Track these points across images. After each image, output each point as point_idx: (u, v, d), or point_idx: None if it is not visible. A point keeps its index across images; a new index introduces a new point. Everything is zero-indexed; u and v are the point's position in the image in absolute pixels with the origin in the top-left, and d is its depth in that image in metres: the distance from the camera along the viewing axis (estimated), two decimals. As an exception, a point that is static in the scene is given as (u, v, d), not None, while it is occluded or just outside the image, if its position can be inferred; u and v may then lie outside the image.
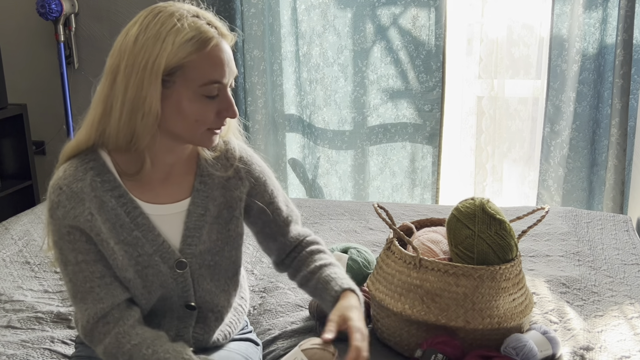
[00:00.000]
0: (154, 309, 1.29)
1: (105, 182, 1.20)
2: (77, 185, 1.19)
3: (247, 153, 1.35)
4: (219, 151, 1.31)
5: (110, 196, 1.20)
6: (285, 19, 2.94)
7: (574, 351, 1.43)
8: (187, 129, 1.17)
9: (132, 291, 1.24)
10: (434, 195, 3.01)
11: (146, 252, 1.22)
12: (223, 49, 1.15)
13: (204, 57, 1.13)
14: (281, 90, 3.04)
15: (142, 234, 1.22)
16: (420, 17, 2.82)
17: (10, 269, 1.96)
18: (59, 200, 1.19)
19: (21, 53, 3.29)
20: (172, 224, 1.25)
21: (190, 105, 1.15)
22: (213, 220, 1.28)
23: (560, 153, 2.78)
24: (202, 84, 1.14)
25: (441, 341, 1.35)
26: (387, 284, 1.46)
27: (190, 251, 1.26)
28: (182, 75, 1.13)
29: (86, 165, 1.20)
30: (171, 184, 1.26)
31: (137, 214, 1.22)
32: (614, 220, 2.30)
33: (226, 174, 1.29)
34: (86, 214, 1.18)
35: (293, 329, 1.58)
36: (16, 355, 1.48)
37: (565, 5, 2.62)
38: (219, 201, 1.28)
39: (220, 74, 1.15)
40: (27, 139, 3.13)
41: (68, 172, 1.20)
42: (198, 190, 1.27)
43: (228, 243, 1.30)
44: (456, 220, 1.43)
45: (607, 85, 2.66)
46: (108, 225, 1.20)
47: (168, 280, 1.25)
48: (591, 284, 1.80)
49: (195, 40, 1.12)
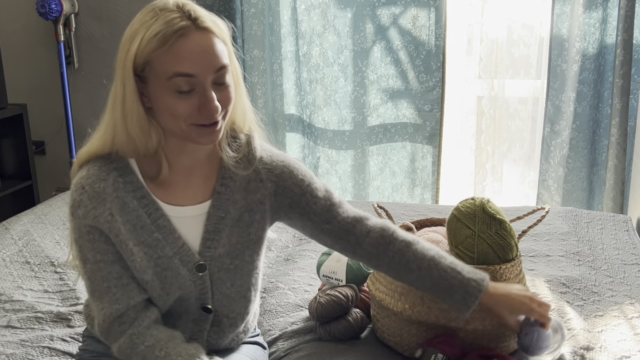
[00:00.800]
0: (170, 310, 1.28)
1: (127, 183, 1.20)
2: (100, 185, 1.18)
3: (267, 152, 1.31)
4: (242, 153, 1.28)
5: (132, 197, 1.20)
6: (285, 19, 2.94)
7: (574, 351, 1.43)
8: (171, 125, 1.16)
9: (150, 292, 1.24)
10: (434, 195, 3.01)
11: (166, 255, 1.21)
12: (194, 41, 1.11)
13: (168, 51, 1.10)
14: (281, 90, 3.04)
15: (162, 236, 1.21)
16: (420, 17, 2.82)
17: (10, 269, 1.96)
18: (80, 200, 1.19)
19: (21, 53, 3.29)
20: (193, 226, 1.24)
21: (162, 100, 1.13)
22: (233, 223, 1.26)
23: (560, 153, 2.78)
24: (168, 77, 1.11)
25: (441, 341, 1.35)
26: (387, 283, 1.46)
27: (209, 254, 1.24)
28: (150, 71, 1.12)
29: (110, 166, 1.20)
30: (193, 186, 1.25)
31: (158, 215, 1.21)
32: (614, 220, 2.30)
33: (246, 174, 1.27)
34: (106, 215, 1.18)
35: (293, 329, 1.58)
36: (15, 355, 1.48)
37: (565, 5, 2.62)
38: (240, 204, 1.26)
39: (187, 67, 1.10)
40: (27, 139, 3.13)
41: (92, 172, 1.20)
42: (219, 193, 1.25)
43: (248, 247, 1.28)
44: (456, 220, 1.43)
45: (607, 85, 2.66)
46: (129, 226, 1.19)
47: (187, 282, 1.24)
48: (591, 284, 1.80)
49: (162, 34, 1.09)
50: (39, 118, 3.32)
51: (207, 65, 1.12)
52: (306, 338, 1.53)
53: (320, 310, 1.50)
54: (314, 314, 1.52)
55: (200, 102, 1.13)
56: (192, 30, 1.11)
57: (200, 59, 1.11)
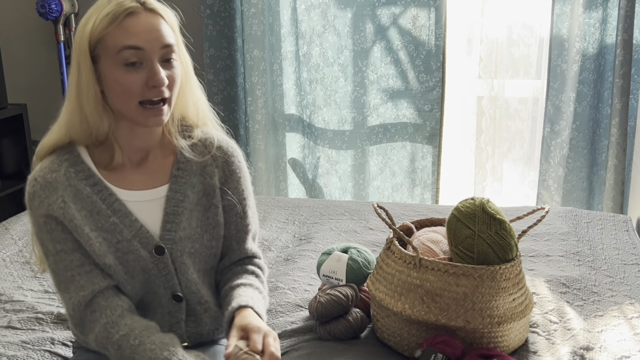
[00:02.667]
0: (144, 303, 1.30)
1: (79, 172, 1.25)
2: (52, 176, 1.24)
3: (228, 145, 1.37)
4: (197, 139, 1.33)
5: (85, 185, 1.24)
6: (285, 19, 2.94)
7: (574, 351, 1.43)
8: (121, 104, 1.20)
9: (115, 277, 1.26)
10: (434, 195, 3.01)
11: (125, 238, 1.24)
12: (141, 19, 1.19)
13: (118, 27, 1.17)
14: (281, 90, 3.04)
15: (119, 220, 1.25)
16: (420, 17, 2.82)
17: (10, 269, 1.96)
18: (34, 191, 1.23)
19: (21, 53, 3.29)
20: (152, 210, 1.28)
21: (112, 75, 1.19)
22: (192, 207, 1.30)
23: (560, 153, 2.78)
24: (117, 51, 1.17)
25: (441, 341, 1.35)
26: (387, 283, 1.46)
27: (169, 237, 1.27)
28: (101, 48, 1.18)
29: (61, 158, 1.26)
30: (148, 172, 1.29)
31: (112, 200, 1.25)
32: (614, 220, 2.30)
33: (202, 159, 1.31)
34: (59, 202, 1.22)
35: (293, 328, 1.58)
36: (16, 357, 1.48)
37: (565, 5, 2.62)
38: (197, 188, 1.30)
39: (135, 40, 1.17)
40: (27, 139, 3.13)
41: (44, 165, 1.26)
42: (176, 177, 1.30)
43: (207, 231, 1.31)
44: (456, 220, 1.43)
45: (607, 85, 2.66)
46: (84, 212, 1.23)
47: (149, 265, 1.26)
48: (591, 284, 1.80)
49: (112, 13, 1.18)
50: (39, 118, 3.31)
51: (154, 40, 1.19)
52: (306, 337, 1.53)
53: (320, 309, 1.50)
54: (314, 313, 1.52)
55: (148, 75, 1.18)
56: (140, 10, 1.20)
57: (148, 34, 1.19)
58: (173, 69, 1.22)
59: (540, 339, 1.50)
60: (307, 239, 2.19)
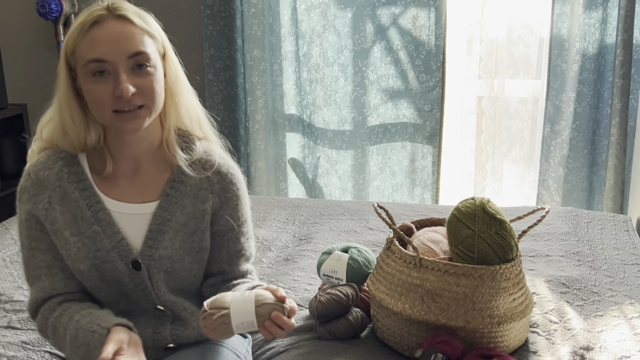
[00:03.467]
0: (127, 309, 1.30)
1: (72, 174, 1.25)
2: (44, 173, 1.25)
3: (229, 171, 1.33)
4: (197, 157, 1.30)
5: (74, 188, 1.24)
6: (285, 19, 2.94)
7: (574, 351, 1.43)
8: (96, 113, 1.20)
9: (88, 283, 1.27)
10: (434, 195, 3.01)
11: (104, 248, 1.24)
12: (106, 28, 1.16)
13: (84, 38, 1.17)
14: (281, 90, 3.04)
15: (101, 229, 1.24)
16: (420, 17, 2.82)
17: (10, 269, 1.96)
18: (25, 186, 1.26)
19: (21, 53, 3.29)
20: (137, 224, 1.26)
21: (85, 86, 1.19)
22: (178, 227, 1.27)
23: (560, 153, 2.78)
24: (84, 63, 1.16)
25: (441, 341, 1.35)
26: (387, 283, 1.46)
27: (149, 253, 1.26)
28: (74, 60, 1.19)
29: (58, 155, 1.26)
30: (141, 185, 1.28)
31: (98, 208, 1.25)
32: (614, 220, 2.30)
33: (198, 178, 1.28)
34: (45, 202, 1.24)
35: (293, 328, 1.58)
36: (16, 357, 1.48)
37: (565, 5, 2.62)
38: (187, 210, 1.28)
39: (99, 52, 1.15)
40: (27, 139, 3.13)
41: (40, 160, 1.27)
42: (168, 195, 1.28)
43: (189, 254, 1.29)
44: (456, 220, 1.43)
45: (607, 85, 2.66)
46: (68, 215, 1.23)
47: (125, 278, 1.26)
48: (591, 284, 1.80)
49: (81, 23, 1.17)
50: (39, 118, 3.31)
51: (119, 50, 1.16)
52: (306, 337, 1.53)
53: (321, 309, 1.50)
54: (314, 312, 1.52)
55: (114, 84, 1.16)
56: (108, 18, 1.18)
57: (112, 44, 1.16)
58: (148, 75, 1.18)
59: (540, 339, 1.50)
60: (307, 239, 2.19)
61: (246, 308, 1.10)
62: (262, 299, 1.11)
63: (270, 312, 1.10)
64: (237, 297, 1.12)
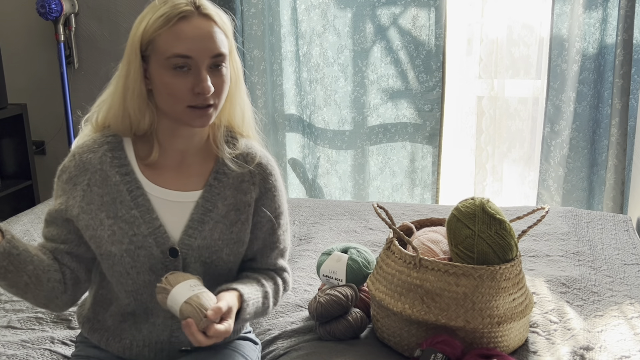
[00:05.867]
0: (146, 306, 1.29)
1: (115, 159, 1.26)
2: (88, 156, 1.26)
3: (269, 163, 1.36)
4: (239, 151, 1.32)
5: (116, 172, 1.25)
6: (285, 19, 2.94)
7: (574, 351, 1.43)
8: (167, 106, 1.21)
9: (117, 267, 1.26)
10: (434, 195, 3.01)
11: (141, 233, 1.24)
12: (194, 24, 1.17)
13: (170, 31, 1.17)
14: (281, 90, 3.04)
15: (140, 214, 1.25)
16: (420, 17, 2.82)
17: (10, 268, 1.96)
18: (68, 165, 1.27)
19: (21, 53, 3.29)
20: (178, 212, 1.27)
21: (160, 78, 1.19)
22: (219, 218, 1.28)
23: (560, 153, 2.78)
24: (168, 56, 1.17)
25: (441, 341, 1.35)
26: (387, 283, 1.46)
27: (188, 242, 1.27)
28: (153, 49, 1.19)
29: (104, 140, 1.27)
30: (185, 174, 1.29)
31: (138, 193, 1.25)
32: (614, 220, 2.30)
33: (240, 171, 1.30)
34: (84, 184, 1.24)
35: (293, 328, 1.58)
36: (16, 356, 1.48)
37: (565, 5, 2.62)
38: (229, 201, 1.29)
39: (186, 48, 1.16)
40: (27, 139, 3.13)
41: (86, 143, 1.28)
42: (211, 186, 1.29)
43: (228, 245, 1.30)
44: (456, 220, 1.43)
45: (607, 85, 2.66)
46: (107, 198, 1.24)
47: (158, 265, 1.26)
48: (591, 284, 1.80)
49: (166, 15, 1.17)
50: (39, 118, 3.32)
51: (204, 49, 1.18)
52: (306, 337, 1.53)
53: (320, 309, 1.50)
54: (314, 313, 1.52)
55: (195, 81, 1.17)
56: (194, 15, 1.18)
57: (199, 42, 1.17)
58: (222, 76, 1.21)
59: (540, 339, 1.50)
60: (307, 239, 2.19)
61: (179, 298, 1.15)
62: (195, 299, 1.14)
63: (189, 316, 1.13)
64: (185, 284, 1.17)
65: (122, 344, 1.32)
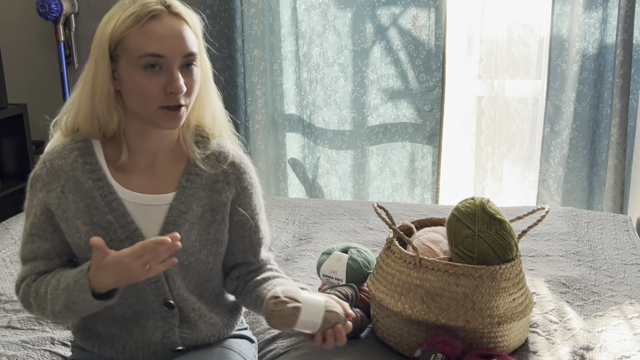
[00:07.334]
0: (135, 309, 1.29)
1: (86, 164, 1.25)
2: (59, 162, 1.25)
3: (242, 161, 1.35)
4: (211, 151, 1.31)
5: (88, 178, 1.24)
6: (285, 19, 2.94)
7: (574, 351, 1.43)
8: (138, 106, 1.19)
9: None
10: (434, 195, 3.01)
11: (118, 238, 1.24)
12: (165, 23, 1.16)
13: (141, 30, 1.15)
14: (281, 90, 3.04)
15: (115, 219, 1.24)
16: (420, 17, 2.82)
17: (10, 269, 1.96)
18: (39, 173, 1.26)
19: (21, 53, 3.29)
20: (152, 215, 1.26)
21: (132, 78, 1.17)
22: (194, 220, 1.28)
23: (560, 153, 2.78)
24: (139, 56, 1.15)
25: (441, 341, 1.35)
26: (387, 283, 1.46)
27: None
28: (122, 49, 1.17)
29: (74, 145, 1.26)
30: (157, 177, 1.28)
31: (112, 198, 1.24)
32: (614, 220, 2.30)
33: (213, 172, 1.29)
34: (58, 191, 1.23)
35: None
36: (16, 356, 1.48)
37: (565, 5, 2.62)
38: (203, 202, 1.28)
39: (158, 47, 1.15)
40: (27, 139, 3.13)
41: (56, 149, 1.27)
42: (184, 187, 1.28)
43: (205, 247, 1.29)
44: (456, 220, 1.43)
45: (607, 85, 2.66)
46: (82, 205, 1.23)
47: None
48: (591, 284, 1.80)
49: (136, 14, 1.16)
50: (39, 118, 3.31)
51: (176, 47, 1.17)
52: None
53: (320, 310, 1.50)
54: (314, 314, 1.51)
55: (167, 80, 1.17)
56: (165, 14, 1.17)
57: (171, 41, 1.16)
58: (193, 75, 1.20)
59: (540, 339, 1.50)
60: (307, 239, 2.19)
61: (317, 309, 1.14)
62: (331, 307, 1.15)
63: (335, 323, 1.14)
64: (309, 295, 1.16)
65: (115, 349, 1.32)
